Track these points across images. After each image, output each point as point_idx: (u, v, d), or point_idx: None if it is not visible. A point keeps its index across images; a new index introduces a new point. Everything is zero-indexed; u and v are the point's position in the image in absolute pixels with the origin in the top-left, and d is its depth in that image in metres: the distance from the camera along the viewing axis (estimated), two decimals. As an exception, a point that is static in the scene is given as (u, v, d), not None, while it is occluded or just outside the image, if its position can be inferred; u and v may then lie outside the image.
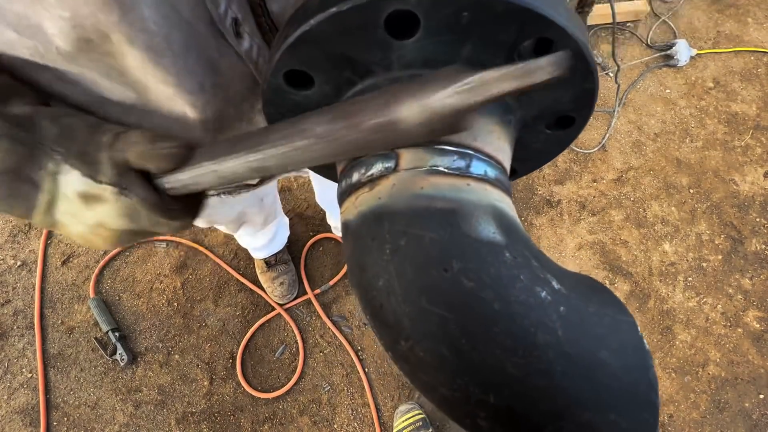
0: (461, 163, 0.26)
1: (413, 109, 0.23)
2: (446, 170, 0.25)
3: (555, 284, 0.24)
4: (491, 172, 0.27)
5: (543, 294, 0.23)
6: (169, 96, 0.34)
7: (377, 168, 0.27)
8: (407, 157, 0.26)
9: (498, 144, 0.28)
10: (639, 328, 0.26)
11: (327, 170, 0.41)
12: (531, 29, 0.25)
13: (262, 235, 1.13)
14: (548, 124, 0.32)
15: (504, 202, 0.27)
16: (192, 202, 0.34)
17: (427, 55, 0.26)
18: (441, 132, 0.24)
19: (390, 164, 0.26)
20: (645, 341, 0.26)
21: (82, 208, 0.30)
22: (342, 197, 0.29)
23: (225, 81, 0.36)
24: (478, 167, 0.26)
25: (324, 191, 0.94)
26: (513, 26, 0.24)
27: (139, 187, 0.29)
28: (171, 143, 0.29)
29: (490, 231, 0.24)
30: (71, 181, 0.30)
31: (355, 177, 0.28)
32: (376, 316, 0.25)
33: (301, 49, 0.27)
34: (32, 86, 0.33)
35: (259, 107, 0.42)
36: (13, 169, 0.29)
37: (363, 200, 0.26)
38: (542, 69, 0.21)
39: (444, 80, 0.23)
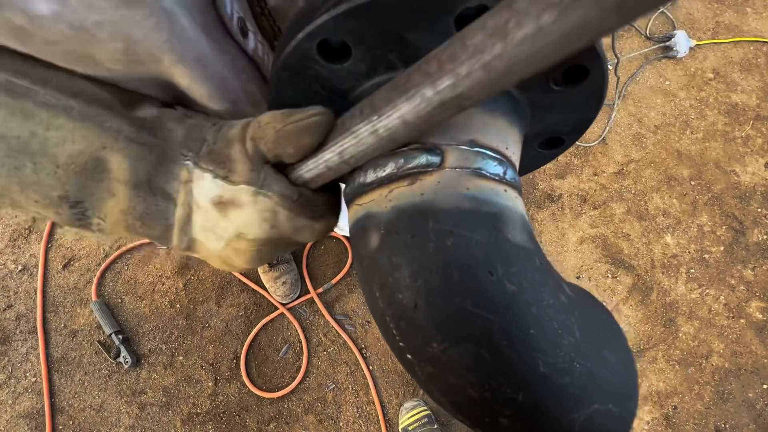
0: (500, 169, 0.26)
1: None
2: (488, 174, 0.26)
3: (567, 290, 0.26)
4: (518, 181, 0.28)
5: (563, 298, 0.24)
6: (217, 111, 0.33)
7: (420, 161, 0.25)
8: (453, 155, 0.25)
9: (518, 154, 0.30)
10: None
11: None
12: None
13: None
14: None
15: (524, 208, 0.28)
16: (332, 197, 0.30)
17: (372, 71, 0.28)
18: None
19: (436, 159, 0.25)
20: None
21: (218, 217, 0.27)
22: (363, 189, 0.27)
23: (244, 84, 0.36)
24: (511, 174, 0.27)
25: None
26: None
27: (276, 182, 0.26)
28: (309, 110, 0.24)
29: (524, 237, 0.25)
30: (204, 187, 0.26)
31: (388, 169, 0.26)
32: (405, 316, 0.24)
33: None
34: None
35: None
36: (145, 181, 0.26)
37: (400, 194, 0.25)
38: None
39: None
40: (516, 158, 0.29)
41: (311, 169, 0.26)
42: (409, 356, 0.24)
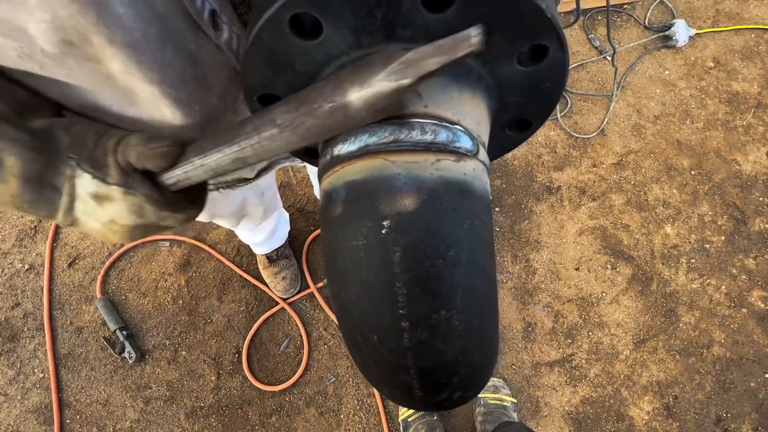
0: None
1: (356, 93, 0.26)
2: (488, 171, 0.32)
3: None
4: None
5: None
6: (156, 95, 0.34)
7: (466, 145, 0.29)
8: (482, 151, 0.30)
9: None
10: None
11: (312, 159, 0.42)
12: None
13: (262, 230, 1.14)
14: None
15: None
16: (194, 196, 0.37)
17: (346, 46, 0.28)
18: (387, 111, 0.26)
19: (474, 149, 0.29)
20: None
21: (95, 207, 0.34)
22: (401, 146, 0.27)
23: (205, 73, 0.37)
24: None
25: None
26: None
27: (142, 186, 0.33)
28: (162, 142, 0.32)
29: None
30: (84, 183, 0.33)
31: (440, 138, 0.27)
32: (426, 281, 0.26)
33: (252, 76, 0.30)
34: (46, 98, 0.36)
35: (242, 97, 0.43)
36: (36, 177, 0.32)
37: (448, 167, 0.27)
38: (464, 43, 0.23)
39: (381, 63, 0.25)
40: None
41: (169, 178, 0.34)
42: (408, 323, 0.27)
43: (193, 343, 1.39)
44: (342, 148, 0.29)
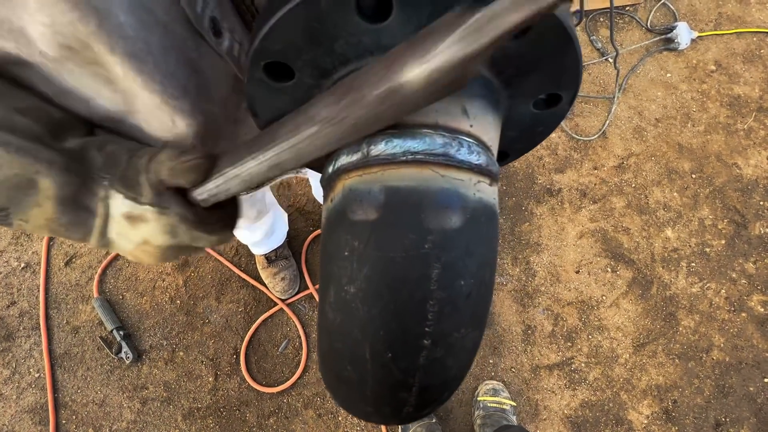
0: None
1: (415, 69, 0.21)
2: None
3: None
4: None
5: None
6: (157, 104, 0.34)
7: (496, 170, 0.29)
8: (498, 178, 0.31)
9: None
10: None
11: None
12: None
13: (258, 228, 1.13)
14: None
15: None
16: (226, 216, 0.36)
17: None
18: (451, 88, 0.22)
19: (497, 176, 0.30)
20: None
21: (129, 228, 0.33)
22: (449, 161, 0.27)
23: (207, 81, 0.36)
24: None
25: (320, 187, 0.94)
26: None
27: (176, 205, 0.32)
28: (193, 155, 0.31)
29: None
30: (117, 204, 0.32)
31: (481, 160, 0.28)
32: (457, 300, 0.26)
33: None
34: (78, 116, 0.34)
35: (245, 105, 0.42)
36: (71, 199, 0.31)
37: (485, 189, 0.28)
38: None
39: (446, 28, 0.20)
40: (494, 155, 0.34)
41: (202, 193, 0.32)
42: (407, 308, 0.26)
43: (190, 344, 1.38)
44: (383, 149, 0.26)
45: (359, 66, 0.27)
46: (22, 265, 1.44)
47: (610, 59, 1.68)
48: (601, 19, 1.75)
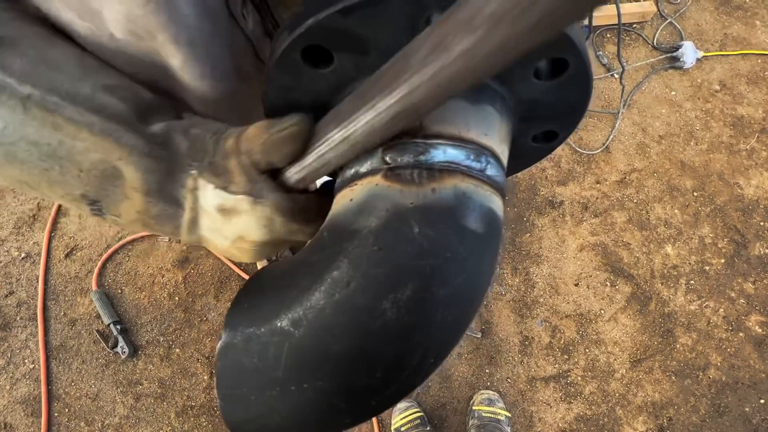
0: None
1: None
2: None
3: None
4: None
5: None
6: (205, 91, 0.35)
7: (502, 183, 0.30)
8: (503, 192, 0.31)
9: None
10: None
11: None
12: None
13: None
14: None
15: None
16: (323, 203, 0.32)
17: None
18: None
19: (503, 188, 0.30)
20: None
21: (222, 222, 0.29)
22: (469, 170, 0.27)
23: (239, 63, 0.38)
24: None
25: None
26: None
27: (270, 192, 0.28)
28: (288, 122, 0.27)
29: None
30: (208, 195, 0.29)
31: (492, 172, 0.29)
32: (473, 304, 0.28)
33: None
34: (166, 99, 0.33)
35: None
36: (156, 189, 0.29)
37: (495, 201, 0.29)
38: None
39: None
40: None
41: (297, 172, 0.28)
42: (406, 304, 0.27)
43: (187, 341, 1.37)
44: (430, 156, 0.26)
45: None
46: (23, 255, 1.44)
47: (616, 75, 1.70)
48: (608, 35, 1.77)
